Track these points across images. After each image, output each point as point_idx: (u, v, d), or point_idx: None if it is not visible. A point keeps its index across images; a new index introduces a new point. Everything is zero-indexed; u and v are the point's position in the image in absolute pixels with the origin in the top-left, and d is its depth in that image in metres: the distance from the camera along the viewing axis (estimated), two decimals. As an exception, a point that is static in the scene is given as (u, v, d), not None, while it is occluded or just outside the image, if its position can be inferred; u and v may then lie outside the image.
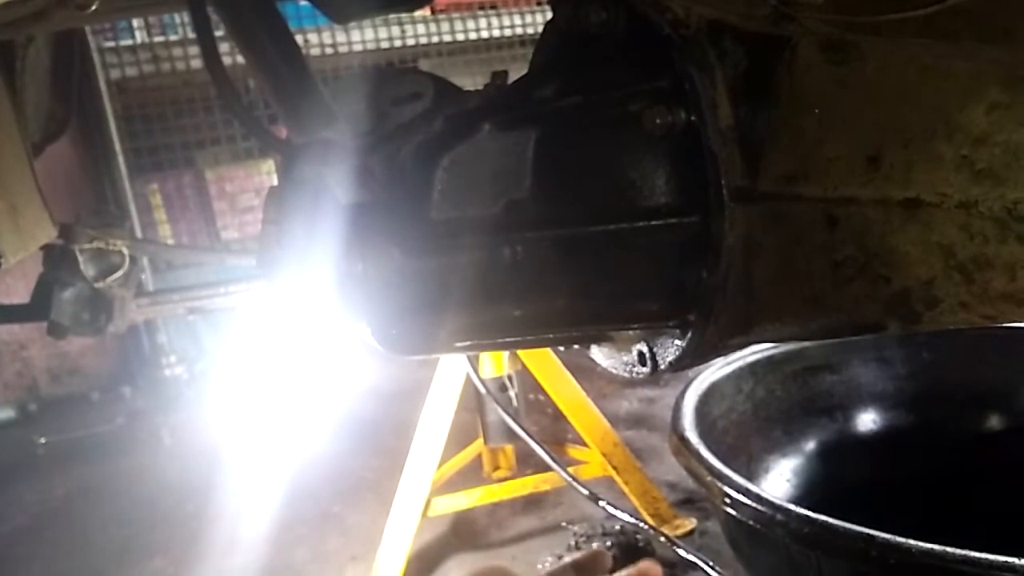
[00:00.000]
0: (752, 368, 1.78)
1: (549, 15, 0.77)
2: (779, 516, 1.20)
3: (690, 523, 2.22)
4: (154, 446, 3.30)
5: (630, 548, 2.13)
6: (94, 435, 3.46)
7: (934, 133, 0.59)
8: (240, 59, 0.88)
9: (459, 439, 2.36)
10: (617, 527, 2.22)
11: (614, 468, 2.25)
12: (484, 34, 4.43)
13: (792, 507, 1.21)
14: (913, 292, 0.61)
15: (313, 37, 3.97)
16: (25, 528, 2.79)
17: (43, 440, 3.41)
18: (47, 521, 2.82)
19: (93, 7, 0.53)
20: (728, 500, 1.28)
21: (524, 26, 4.47)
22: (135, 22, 3.73)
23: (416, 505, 2.15)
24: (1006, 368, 1.83)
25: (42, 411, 3.91)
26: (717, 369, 1.73)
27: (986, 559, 1.00)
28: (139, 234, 3.68)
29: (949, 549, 1.03)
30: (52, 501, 2.96)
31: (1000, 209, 0.58)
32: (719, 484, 1.31)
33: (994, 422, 1.82)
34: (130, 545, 2.56)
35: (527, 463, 2.47)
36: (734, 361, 1.76)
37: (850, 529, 1.11)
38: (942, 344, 1.85)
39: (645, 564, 0.70)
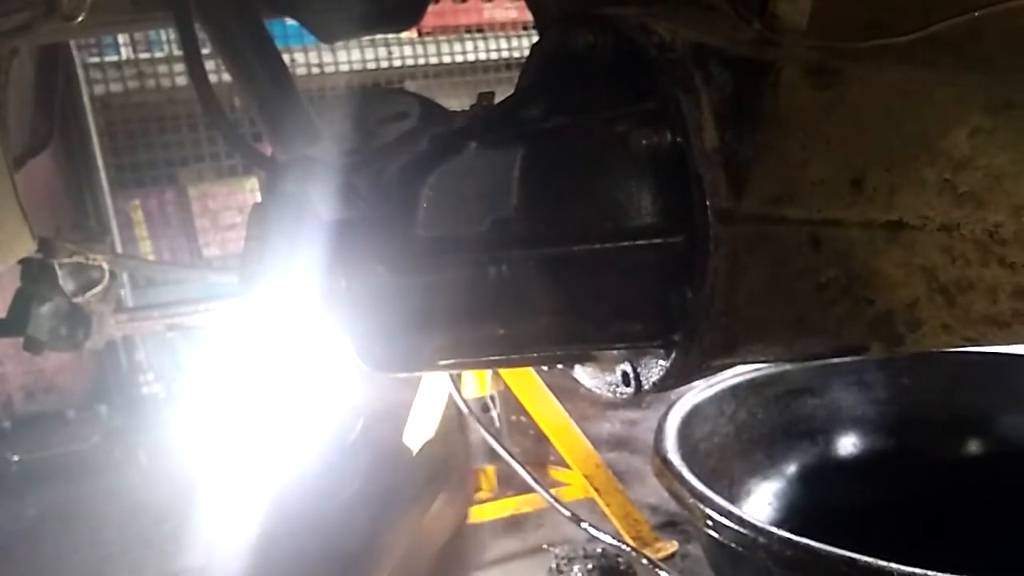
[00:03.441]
0: (734, 391, 1.78)
1: (535, 39, 0.77)
2: (761, 539, 1.19)
3: (672, 546, 2.21)
4: (130, 465, 3.25)
5: (611, 571, 2.12)
6: (69, 453, 3.41)
7: (917, 157, 0.60)
8: (226, 77, 0.88)
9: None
10: (599, 549, 2.20)
11: (596, 490, 2.24)
12: (471, 57, 4.45)
13: (774, 530, 1.21)
14: (896, 314, 0.61)
15: (300, 56, 3.98)
16: (-4, 548, 2.74)
17: (16, 458, 3.36)
18: (18, 541, 2.77)
19: (80, 17, 0.52)
20: (710, 523, 1.28)
21: (510, 49, 4.50)
22: (120, 38, 3.72)
23: (396, 526, 2.13)
24: (984, 393, 1.84)
25: (16, 428, 3.84)
26: (699, 392, 1.73)
27: (966, 583, 1.00)
28: (120, 250, 3.64)
29: (930, 573, 1.03)
30: (24, 521, 2.91)
31: (982, 232, 0.59)
32: (701, 507, 1.31)
33: (973, 447, 1.84)
34: (104, 567, 2.52)
35: (509, 484, 2.45)
36: (716, 384, 1.76)
37: (832, 552, 1.11)
38: (922, 369, 1.86)
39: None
